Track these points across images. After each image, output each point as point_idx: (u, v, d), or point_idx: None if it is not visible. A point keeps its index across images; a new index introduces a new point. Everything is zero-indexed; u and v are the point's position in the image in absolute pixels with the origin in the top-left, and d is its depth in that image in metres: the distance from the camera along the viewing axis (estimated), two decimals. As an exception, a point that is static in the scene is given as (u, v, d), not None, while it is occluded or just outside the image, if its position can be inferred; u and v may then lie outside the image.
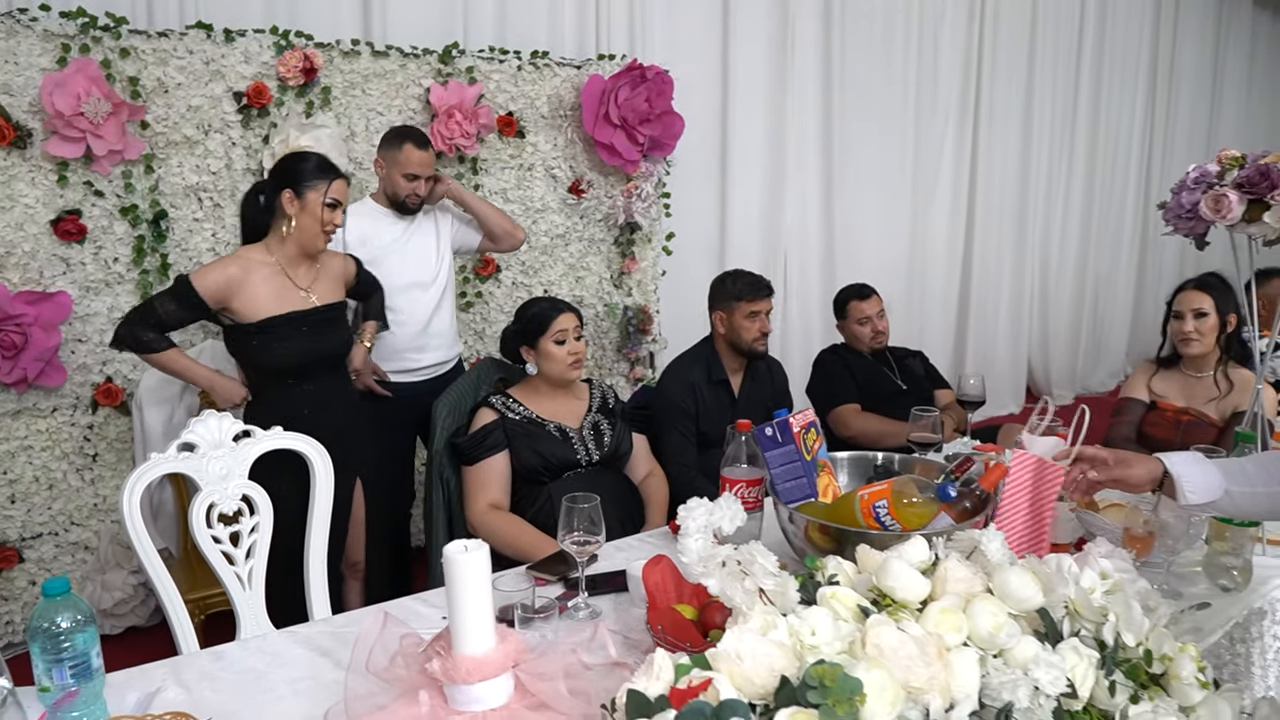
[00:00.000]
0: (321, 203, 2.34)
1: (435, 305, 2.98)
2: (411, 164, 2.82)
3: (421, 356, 2.97)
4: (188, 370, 2.42)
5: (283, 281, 2.37)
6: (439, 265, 2.99)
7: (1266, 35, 7.86)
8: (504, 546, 2.19)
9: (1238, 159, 1.96)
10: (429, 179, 2.88)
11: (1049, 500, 1.79)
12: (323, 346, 2.45)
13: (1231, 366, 2.78)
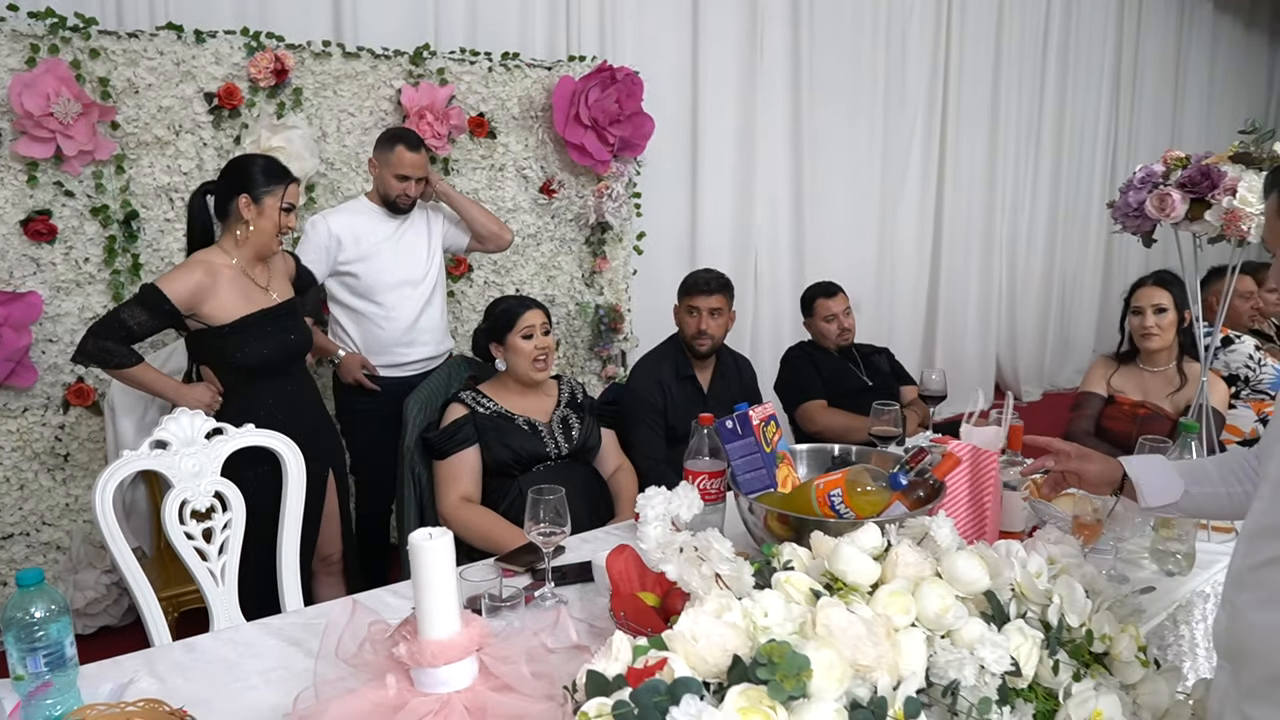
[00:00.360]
0: (279, 208, 2.38)
1: (425, 302, 3.05)
2: (403, 165, 2.89)
3: (410, 351, 3.03)
4: (156, 383, 2.42)
5: (245, 282, 2.40)
6: (429, 263, 3.06)
7: (1227, 38, 8.02)
8: (476, 539, 2.23)
9: (1182, 160, 2.03)
10: (419, 180, 2.94)
11: (988, 487, 1.86)
12: (294, 340, 2.49)
13: (1186, 361, 2.87)
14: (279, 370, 2.46)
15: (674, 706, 1.03)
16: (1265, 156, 1.91)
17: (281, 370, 2.47)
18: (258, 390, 2.42)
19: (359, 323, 2.99)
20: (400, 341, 3.00)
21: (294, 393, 2.51)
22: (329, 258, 2.91)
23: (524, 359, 2.40)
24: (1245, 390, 3.43)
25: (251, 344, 2.38)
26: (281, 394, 2.45)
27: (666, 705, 1.04)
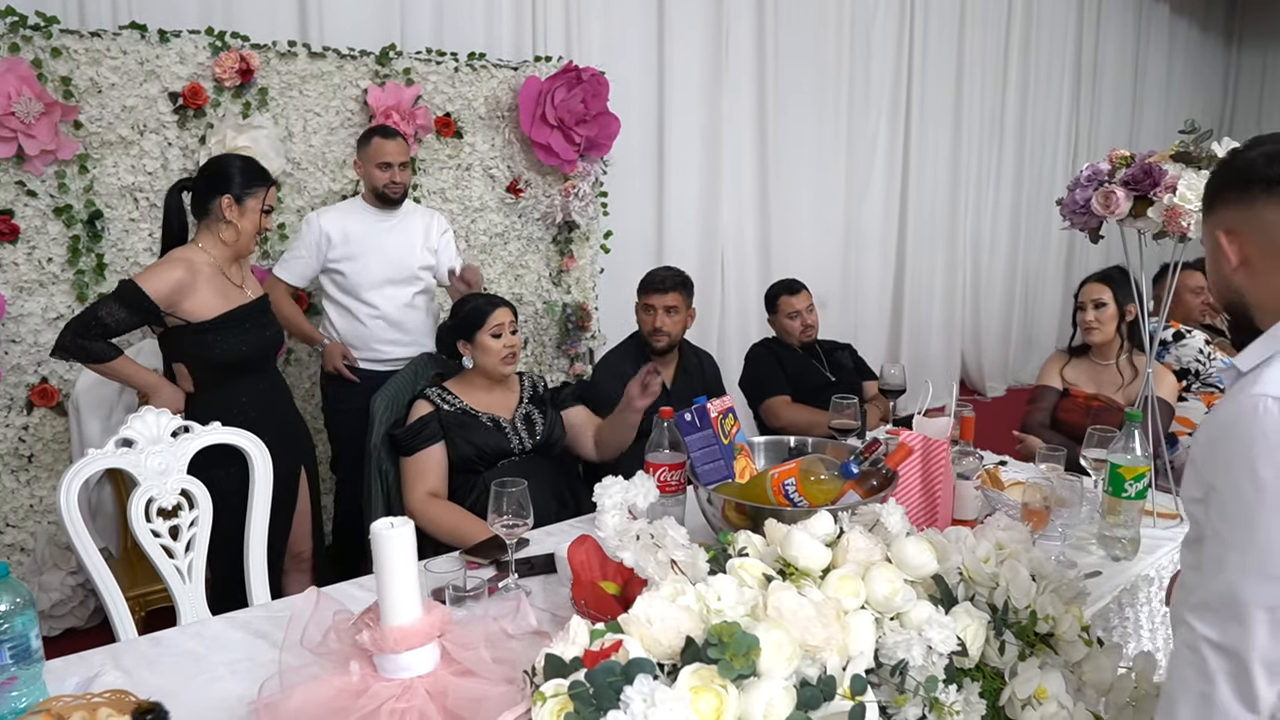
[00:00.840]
0: (260, 209, 2.41)
1: (407, 303, 3.13)
2: (383, 153, 2.99)
3: (390, 349, 3.11)
4: (135, 376, 2.44)
5: (222, 280, 2.43)
6: (416, 265, 3.13)
7: (1183, 39, 8.19)
8: (444, 534, 2.26)
9: (1126, 158, 2.10)
10: (403, 165, 3.03)
11: (939, 475, 1.91)
12: (270, 336, 2.53)
13: (1135, 354, 2.95)
14: (254, 367, 2.50)
15: (628, 686, 1.07)
16: (1204, 155, 1.98)
17: (256, 367, 2.51)
18: (233, 387, 2.45)
19: (344, 317, 3.10)
20: (381, 339, 3.09)
21: (267, 390, 2.55)
22: (319, 254, 3.02)
23: (493, 357, 2.43)
24: (1196, 384, 3.53)
25: (231, 340, 2.41)
26: (256, 391, 2.48)
27: (620, 685, 1.07)
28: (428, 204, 3.60)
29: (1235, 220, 1.17)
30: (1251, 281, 1.18)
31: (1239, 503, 1.05)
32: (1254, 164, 1.16)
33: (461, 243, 3.74)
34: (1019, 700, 1.41)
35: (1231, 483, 1.06)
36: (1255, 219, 1.15)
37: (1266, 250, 1.14)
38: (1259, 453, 1.03)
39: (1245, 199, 1.15)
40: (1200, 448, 1.14)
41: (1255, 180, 1.14)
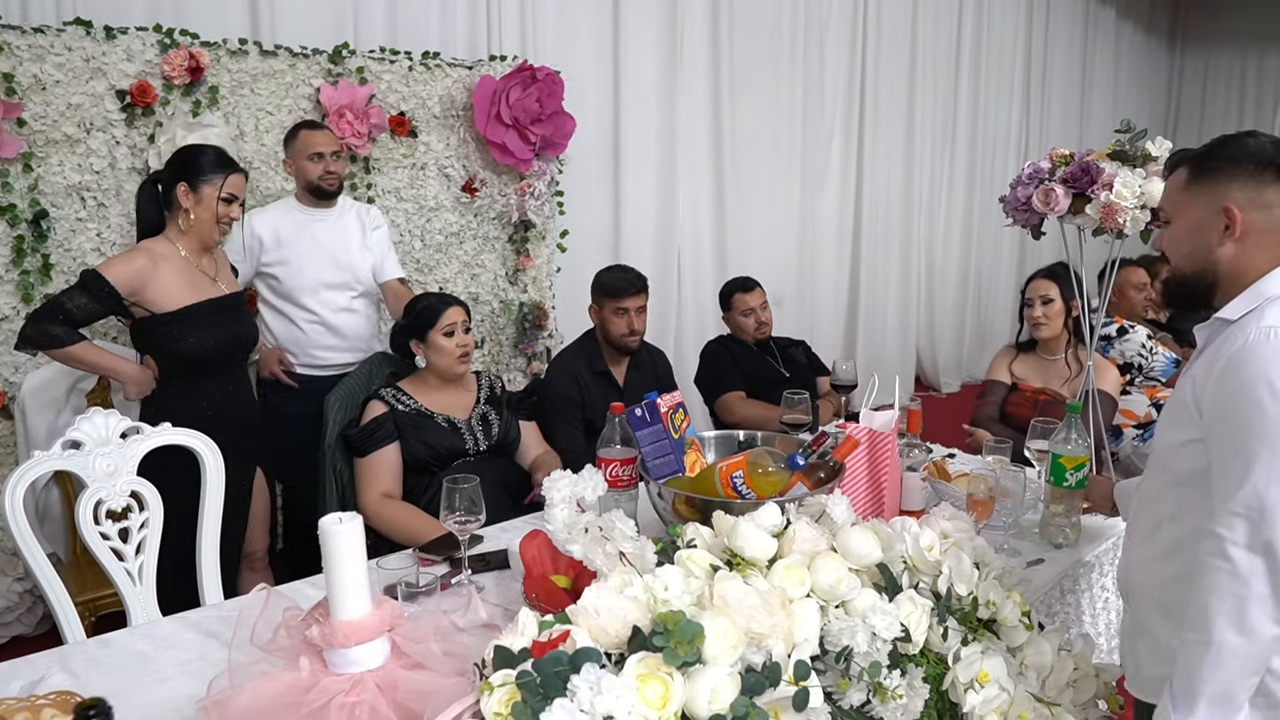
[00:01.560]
0: (217, 197, 2.38)
1: (345, 307, 3.02)
2: (313, 144, 2.91)
3: (329, 355, 3.02)
4: (100, 361, 2.41)
5: (192, 271, 2.41)
6: (353, 268, 3.03)
7: (1129, 41, 8.39)
8: (398, 534, 2.26)
9: (1066, 157, 2.15)
10: (335, 154, 2.95)
11: (885, 467, 1.96)
12: (239, 333, 2.51)
13: (1081, 349, 3.02)
14: (221, 364, 2.47)
15: (574, 675, 1.09)
16: (1138, 154, 2.04)
17: (224, 364, 2.48)
18: (197, 384, 2.43)
19: (281, 322, 3.00)
20: (319, 345, 3.00)
21: (231, 389, 2.52)
22: (252, 258, 2.93)
23: (446, 356, 2.43)
24: (1139, 377, 3.62)
25: (196, 333, 2.39)
26: (220, 390, 2.47)
27: (568, 674, 1.09)
28: (382, 204, 3.59)
29: (1242, 196, 1.34)
30: (1238, 252, 1.35)
31: (1261, 417, 1.21)
32: (1263, 148, 1.33)
33: (417, 242, 3.73)
34: (961, 684, 1.44)
35: (1252, 402, 1.22)
36: (1261, 198, 1.33)
37: (1263, 227, 1.33)
38: (1274, 371, 1.22)
39: (1256, 179, 1.33)
40: (1202, 388, 1.31)
41: (1265, 164, 1.32)
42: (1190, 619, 1.27)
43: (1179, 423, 1.38)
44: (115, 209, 3.04)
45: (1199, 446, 1.32)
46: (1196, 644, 1.25)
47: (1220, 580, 1.22)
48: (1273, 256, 1.35)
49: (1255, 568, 1.20)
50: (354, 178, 3.50)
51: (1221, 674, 1.23)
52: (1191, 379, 1.37)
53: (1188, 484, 1.36)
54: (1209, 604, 1.23)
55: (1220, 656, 1.22)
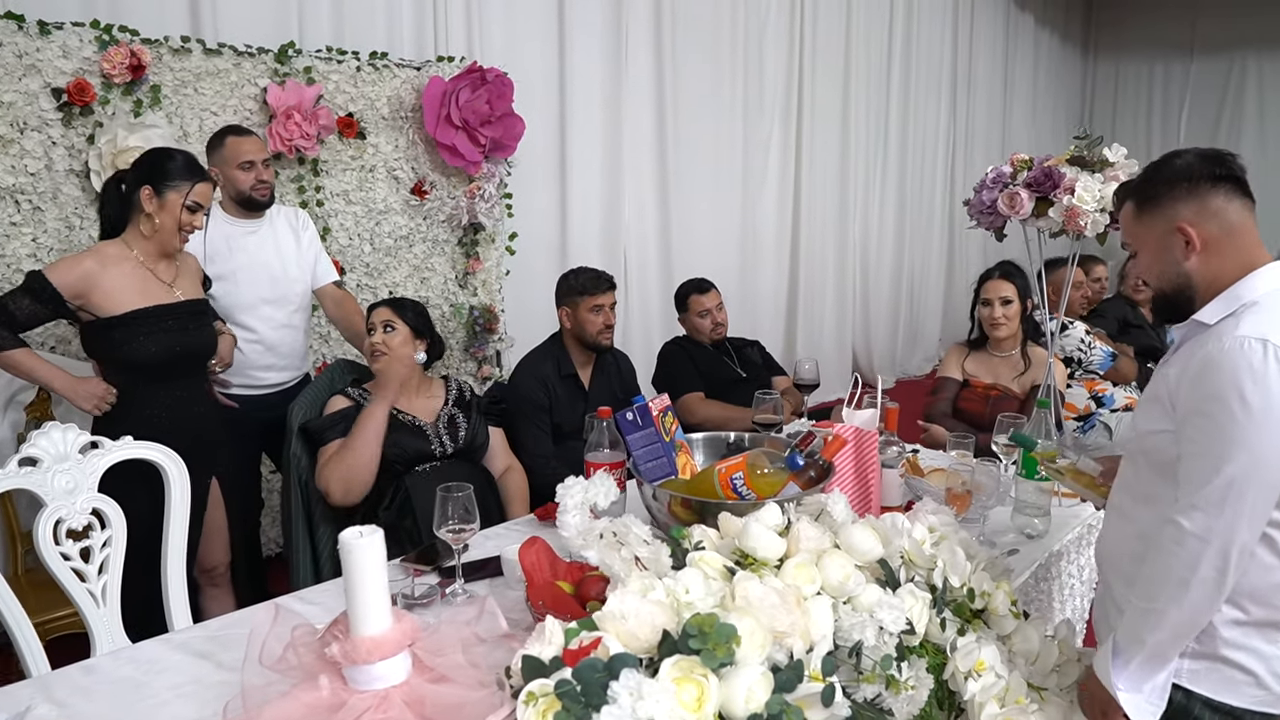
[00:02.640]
0: (181, 204, 2.30)
1: (285, 323, 2.89)
2: (242, 151, 2.73)
3: (266, 375, 2.88)
4: (37, 371, 2.30)
5: (145, 275, 2.32)
6: (293, 280, 2.90)
7: (1046, 49, 8.71)
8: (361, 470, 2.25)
9: (1026, 161, 2.23)
10: (266, 163, 2.79)
11: (871, 464, 2.00)
12: (190, 342, 2.40)
13: (1029, 346, 3.13)
14: (171, 372, 2.37)
15: (613, 681, 1.08)
16: (1096, 159, 2.12)
17: (174, 373, 2.38)
18: (145, 392, 2.34)
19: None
20: (257, 365, 2.84)
21: (183, 397, 2.42)
22: None
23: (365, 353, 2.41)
24: (1079, 371, 3.76)
25: (140, 339, 2.29)
26: (169, 398, 2.37)
27: (606, 680, 1.09)
28: (331, 207, 3.51)
29: (1190, 213, 1.42)
30: (1203, 264, 1.43)
31: (1231, 423, 1.30)
32: (1192, 165, 1.42)
33: (366, 245, 3.66)
34: (961, 673, 1.49)
35: (1222, 407, 1.31)
36: (1207, 208, 1.41)
37: (1220, 235, 1.41)
38: (1245, 380, 1.29)
39: (1196, 193, 1.41)
40: (1176, 386, 1.39)
41: (1200, 177, 1.41)
42: (1141, 587, 1.40)
43: (1153, 414, 1.47)
44: (52, 213, 2.91)
45: (1170, 438, 1.41)
46: (1142, 610, 1.39)
47: (1172, 563, 1.35)
48: (1241, 259, 1.43)
49: (1204, 556, 1.31)
50: (302, 180, 3.42)
51: (1157, 637, 1.38)
52: (1166, 376, 1.45)
53: (1160, 470, 1.46)
54: (1157, 579, 1.37)
55: (1160, 623, 1.36)
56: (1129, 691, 1.40)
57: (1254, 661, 1.42)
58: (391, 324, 2.43)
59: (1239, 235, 1.42)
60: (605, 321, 3.00)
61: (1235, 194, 1.42)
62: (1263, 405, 1.28)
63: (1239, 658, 1.42)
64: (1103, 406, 3.73)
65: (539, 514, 2.14)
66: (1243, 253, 1.42)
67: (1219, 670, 1.43)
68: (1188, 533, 1.32)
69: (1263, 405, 1.28)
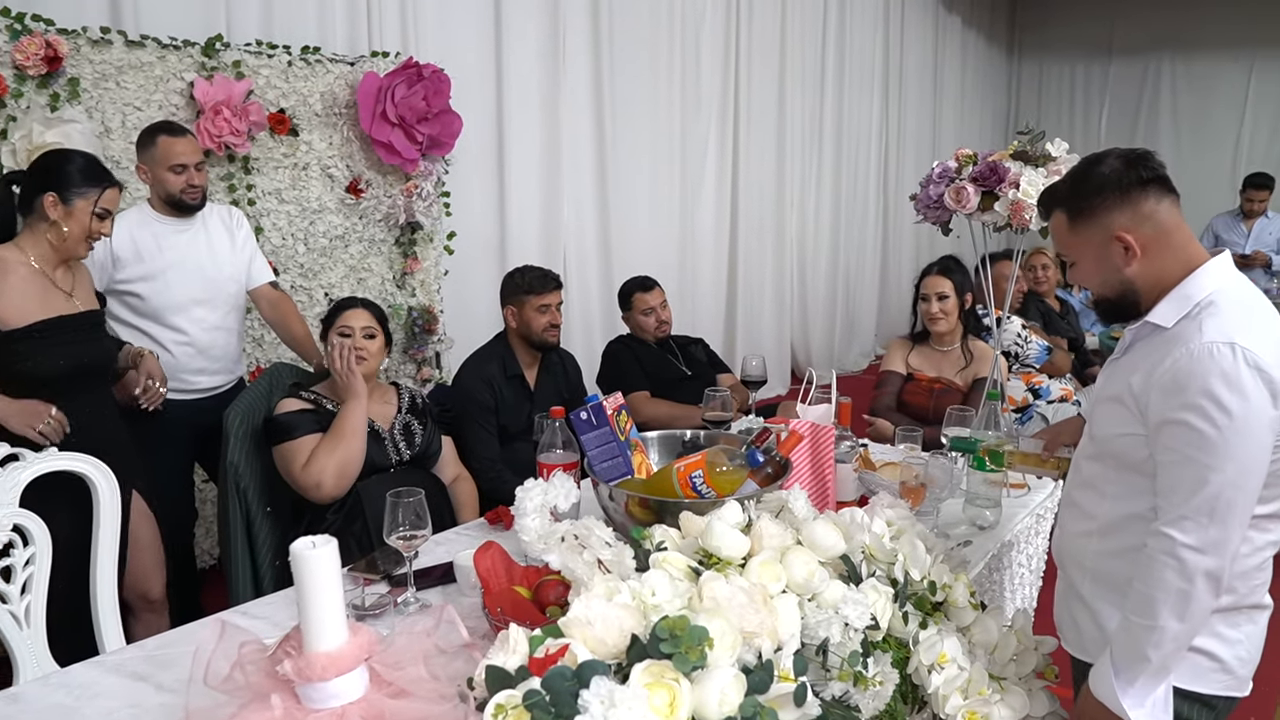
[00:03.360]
0: (91, 211, 2.18)
1: (218, 325, 2.78)
2: (174, 154, 2.62)
3: (198, 379, 2.77)
4: None
5: (44, 283, 2.20)
6: (226, 281, 2.79)
7: (973, 49, 8.91)
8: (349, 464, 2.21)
9: (971, 156, 2.25)
10: (199, 166, 2.68)
11: (827, 460, 2.00)
12: (93, 353, 2.29)
13: (971, 340, 3.17)
14: (75, 385, 2.24)
15: (584, 689, 1.05)
16: (1039, 154, 2.15)
17: (78, 386, 2.25)
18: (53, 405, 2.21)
19: (144, 345, 2.63)
20: (188, 368, 2.72)
21: (93, 411, 2.30)
22: (104, 275, 2.61)
23: (333, 361, 2.32)
24: (1016, 365, 3.84)
25: (45, 352, 2.17)
26: (76, 410, 2.24)
27: (576, 688, 1.05)
28: (263, 205, 3.39)
29: (1124, 219, 1.41)
30: (1144, 267, 1.42)
31: (1213, 431, 1.29)
32: (1119, 171, 1.41)
33: (300, 246, 3.56)
34: (925, 666, 1.49)
35: (1202, 417, 1.30)
36: (1139, 213, 1.40)
37: (1157, 234, 1.41)
38: (1220, 387, 1.28)
39: (1127, 199, 1.40)
40: (1144, 392, 1.38)
41: (1129, 183, 1.40)
42: (1137, 604, 1.38)
43: (1117, 417, 1.45)
44: (-39, 213, 2.75)
45: (1140, 439, 1.41)
46: (1142, 627, 1.36)
47: (1168, 576, 1.33)
48: (1181, 257, 1.43)
49: (1200, 566, 1.31)
50: (233, 178, 3.30)
51: (1162, 652, 1.36)
52: (1129, 383, 1.43)
53: (1131, 470, 1.45)
54: (1156, 596, 1.34)
55: (1163, 639, 1.35)
56: (1136, 708, 1.38)
57: (1220, 647, 1.44)
58: (372, 330, 2.38)
59: (1174, 234, 1.42)
60: (552, 321, 2.96)
61: (1164, 194, 1.41)
62: (1242, 410, 1.28)
63: (1207, 645, 1.44)
64: (1039, 398, 3.81)
65: (489, 518, 2.09)
66: (1181, 250, 1.43)
67: (1189, 659, 1.43)
68: (1180, 544, 1.32)
69: (1242, 410, 1.28)
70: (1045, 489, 2.32)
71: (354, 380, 2.25)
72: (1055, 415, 3.67)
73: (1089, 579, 1.57)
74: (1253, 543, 1.43)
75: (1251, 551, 1.43)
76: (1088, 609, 1.57)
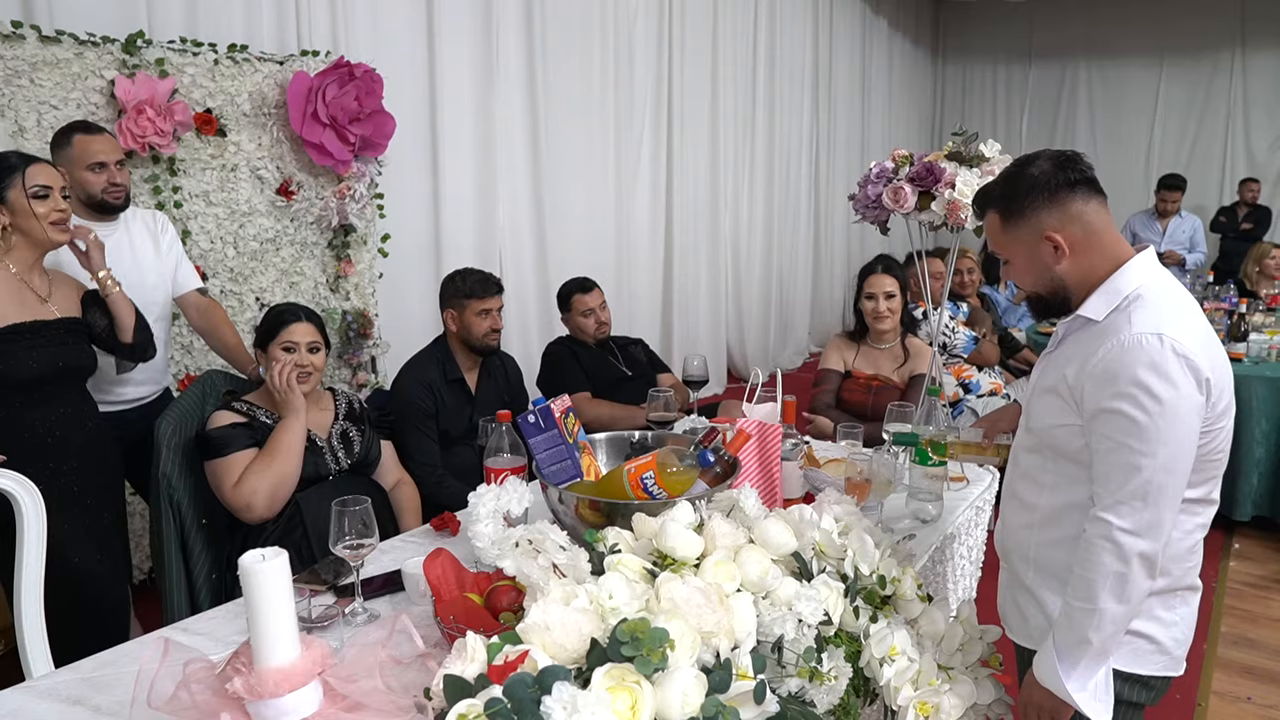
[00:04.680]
0: (26, 196, 2.11)
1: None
2: (92, 152, 2.52)
3: (123, 390, 2.68)
4: None
5: (19, 288, 2.16)
6: (151, 289, 2.69)
7: (900, 52, 9.09)
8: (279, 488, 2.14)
9: (907, 157, 2.29)
10: (120, 164, 2.59)
11: (774, 458, 2.02)
12: (71, 356, 2.23)
13: (908, 337, 3.23)
14: (47, 391, 2.19)
15: (546, 695, 1.04)
16: (973, 155, 2.20)
17: (50, 391, 2.21)
18: (29, 414, 2.17)
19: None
20: (112, 378, 2.63)
21: (72, 415, 2.26)
22: None
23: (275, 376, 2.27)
24: (945, 356, 3.93)
25: (16, 356, 2.11)
26: (57, 417, 2.20)
27: (538, 695, 1.04)
28: (190, 208, 3.29)
29: (1053, 219, 1.47)
30: (1074, 265, 1.48)
31: (1145, 418, 1.34)
32: (1048, 174, 1.46)
33: (230, 249, 3.46)
34: (876, 659, 1.51)
35: (1134, 405, 1.35)
36: (1068, 213, 1.46)
37: (1086, 233, 1.47)
38: (1150, 377, 1.34)
39: (1056, 200, 1.46)
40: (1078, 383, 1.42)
41: (1058, 185, 1.45)
42: (1077, 589, 1.42)
43: (1052, 408, 1.51)
44: None
45: (1076, 430, 1.46)
46: (1083, 611, 1.41)
47: (1105, 559, 1.38)
48: (1108, 255, 1.49)
49: (1136, 548, 1.36)
50: (157, 180, 3.19)
51: (1102, 634, 1.41)
52: (1063, 376, 1.48)
53: (1068, 460, 1.50)
54: (1095, 579, 1.39)
55: (1103, 621, 1.40)
56: (1079, 691, 1.43)
57: (1158, 630, 1.50)
58: (317, 344, 2.33)
59: (1101, 234, 1.48)
60: (493, 325, 2.94)
61: (1091, 195, 1.47)
62: (1171, 397, 1.33)
63: (1146, 628, 1.50)
64: (970, 392, 3.90)
65: (434, 524, 2.06)
66: (1109, 249, 1.48)
67: (1129, 643, 1.49)
68: (1116, 529, 1.36)
69: (1171, 397, 1.33)
70: (984, 481, 2.37)
71: (293, 396, 2.20)
72: (985, 409, 3.76)
73: (1033, 569, 1.61)
74: (1183, 526, 1.49)
75: (1183, 535, 1.50)
76: (1033, 598, 1.62)
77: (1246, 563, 3.90)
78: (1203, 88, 8.69)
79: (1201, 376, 1.36)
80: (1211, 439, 1.43)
